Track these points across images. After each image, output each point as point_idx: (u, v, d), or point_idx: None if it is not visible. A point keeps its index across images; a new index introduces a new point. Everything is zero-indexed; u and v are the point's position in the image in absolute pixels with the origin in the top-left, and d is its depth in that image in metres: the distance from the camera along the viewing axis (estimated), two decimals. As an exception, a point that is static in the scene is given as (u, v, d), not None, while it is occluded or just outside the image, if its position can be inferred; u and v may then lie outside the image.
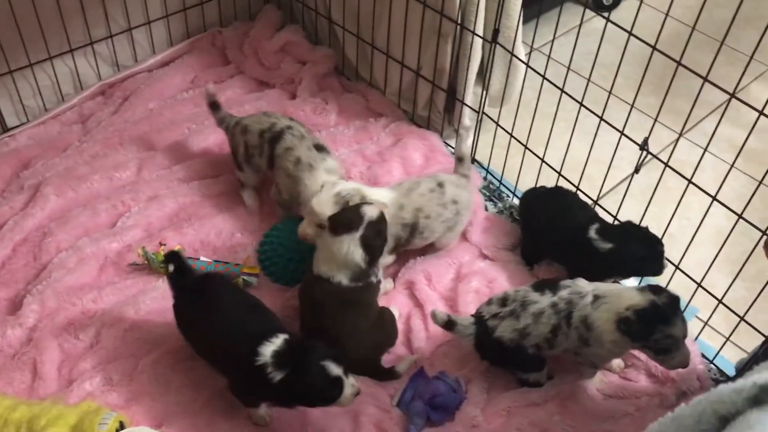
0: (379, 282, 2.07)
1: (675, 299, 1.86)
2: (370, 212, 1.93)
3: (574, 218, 2.23)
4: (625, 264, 2.16)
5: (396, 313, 2.15)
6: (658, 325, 1.82)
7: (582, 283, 1.95)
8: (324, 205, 2.03)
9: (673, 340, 1.83)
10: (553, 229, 2.23)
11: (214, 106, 2.47)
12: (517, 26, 2.37)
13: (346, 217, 1.94)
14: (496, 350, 1.97)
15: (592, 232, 2.15)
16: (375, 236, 1.94)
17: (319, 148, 2.30)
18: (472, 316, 2.03)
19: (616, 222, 2.29)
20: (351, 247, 1.90)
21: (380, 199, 2.10)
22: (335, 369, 1.72)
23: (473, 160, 2.74)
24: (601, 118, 2.13)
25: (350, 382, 1.75)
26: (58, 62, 2.72)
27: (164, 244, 2.29)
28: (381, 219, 1.96)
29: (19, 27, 2.51)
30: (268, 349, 1.74)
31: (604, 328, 1.85)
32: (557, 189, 2.36)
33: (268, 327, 1.82)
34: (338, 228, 1.93)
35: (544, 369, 2.01)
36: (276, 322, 1.90)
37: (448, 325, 1.99)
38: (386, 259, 2.25)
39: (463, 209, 2.27)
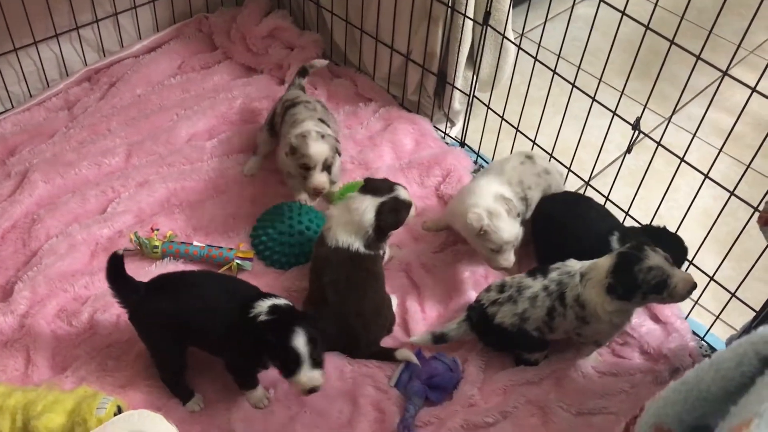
0: (384, 253, 2.14)
1: (640, 242, 1.86)
2: (401, 191, 2.05)
3: (595, 227, 2.14)
4: None
5: (395, 301, 2.17)
6: (634, 268, 1.82)
7: (571, 263, 1.97)
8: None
9: (658, 269, 1.81)
10: (574, 239, 2.14)
11: (303, 72, 2.55)
12: (509, 9, 2.38)
13: (378, 184, 2.07)
14: (498, 335, 2.00)
15: (614, 242, 2.08)
16: (391, 211, 2.02)
17: (323, 121, 2.30)
18: (471, 305, 2.07)
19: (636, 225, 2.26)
20: (367, 208, 2.00)
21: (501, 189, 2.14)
22: (300, 342, 1.69)
23: (463, 144, 2.75)
24: (594, 99, 2.16)
25: (313, 373, 1.71)
26: (43, 47, 2.69)
27: (157, 229, 2.28)
28: (406, 204, 2.05)
29: (3, 11, 2.47)
30: (266, 303, 1.78)
31: (597, 301, 1.88)
32: (571, 196, 2.33)
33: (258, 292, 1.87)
34: (367, 189, 2.05)
35: (546, 348, 2.04)
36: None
37: (437, 340, 2.04)
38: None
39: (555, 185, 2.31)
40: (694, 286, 1.84)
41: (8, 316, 2.06)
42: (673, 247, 2.04)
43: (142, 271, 2.20)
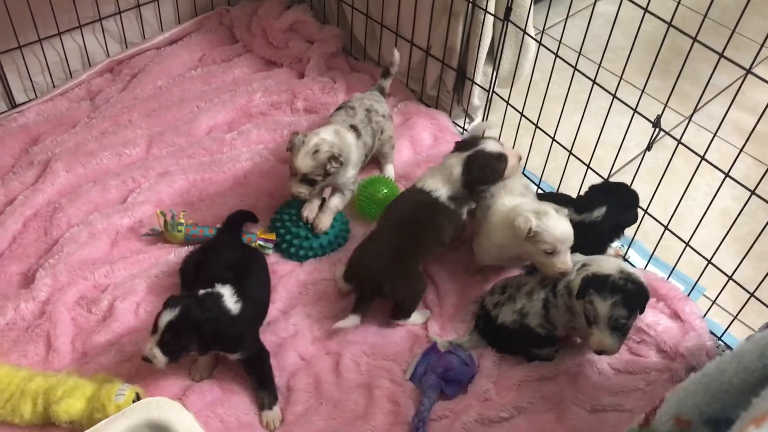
0: (463, 224, 2.20)
1: (633, 285, 1.83)
2: (487, 144, 2.13)
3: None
4: (624, 219, 2.19)
5: (425, 315, 2.18)
6: (590, 289, 1.83)
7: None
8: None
9: (594, 310, 1.82)
10: None
11: (386, 73, 2.57)
12: (530, 5, 2.38)
13: (467, 141, 2.20)
14: (505, 337, 2.03)
15: (571, 215, 2.10)
16: (479, 165, 2.10)
17: (354, 128, 2.32)
18: (477, 312, 2.12)
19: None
20: (455, 163, 2.11)
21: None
22: (163, 318, 1.79)
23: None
24: (614, 96, 2.15)
25: (154, 348, 1.80)
26: (66, 38, 2.71)
27: (184, 211, 2.32)
28: (494, 156, 2.10)
29: (29, 2, 2.50)
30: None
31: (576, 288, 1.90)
32: None
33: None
34: (457, 145, 2.19)
35: (556, 344, 2.05)
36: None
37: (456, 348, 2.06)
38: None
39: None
40: (606, 353, 1.87)
41: (30, 303, 2.09)
42: (626, 197, 2.18)
43: (161, 260, 2.23)
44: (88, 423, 1.75)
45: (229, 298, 1.89)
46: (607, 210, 2.12)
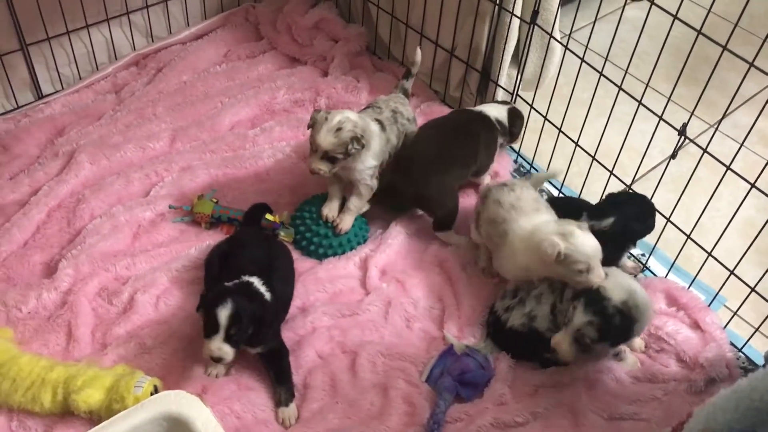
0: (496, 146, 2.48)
1: (621, 321, 1.83)
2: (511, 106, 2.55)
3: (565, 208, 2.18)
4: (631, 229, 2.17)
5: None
6: (584, 298, 1.85)
7: None
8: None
9: (571, 315, 1.85)
10: None
11: (407, 74, 2.58)
12: (557, 8, 2.37)
13: (504, 99, 2.68)
14: (515, 341, 2.02)
15: (584, 219, 2.10)
16: (520, 116, 2.51)
17: (380, 122, 2.33)
18: (487, 319, 2.12)
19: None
20: (499, 110, 2.49)
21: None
22: (223, 313, 1.79)
23: (503, 143, 2.75)
24: (640, 102, 2.13)
25: (222, 345, 1.80)
26: (94, 31, 2.74)
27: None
28: (521, 114, 2.52)
29: (59, -5, 2.53)
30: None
31: None
32: None
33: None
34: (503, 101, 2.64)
35: None
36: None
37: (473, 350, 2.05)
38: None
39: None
40: (553, 349, 1.91)
41: (52, 293, 2.11)
42: (639, 208, 2.18)
43: (182, 254, 2.25)
44: (107, 413, 1.77)
45: (260, 287, 1.91)
46: (615, 220, 2.10)
